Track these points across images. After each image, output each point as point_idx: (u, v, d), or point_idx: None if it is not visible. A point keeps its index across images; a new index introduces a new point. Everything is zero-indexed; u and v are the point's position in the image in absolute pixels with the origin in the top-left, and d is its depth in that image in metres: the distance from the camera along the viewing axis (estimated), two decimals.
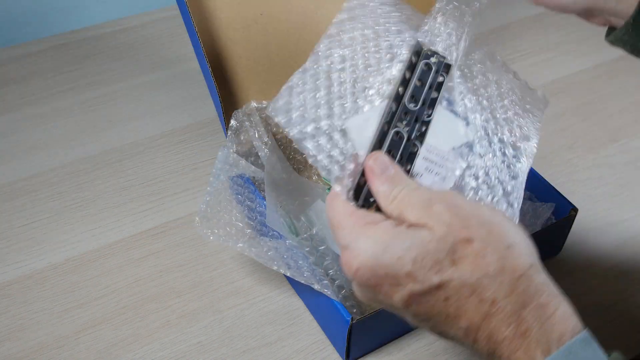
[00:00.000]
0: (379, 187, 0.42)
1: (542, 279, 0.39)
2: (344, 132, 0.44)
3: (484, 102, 0.48)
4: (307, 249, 0.63)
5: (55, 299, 0.66)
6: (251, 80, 0.73)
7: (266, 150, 0.69)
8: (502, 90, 0.51)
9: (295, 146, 0.47)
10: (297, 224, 0.68)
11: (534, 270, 0.38)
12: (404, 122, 0.45)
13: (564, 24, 1.06)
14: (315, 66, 0.48)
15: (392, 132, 0.45)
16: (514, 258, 0.38)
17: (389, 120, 0.45)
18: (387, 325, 0.60)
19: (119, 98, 0.92)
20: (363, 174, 0.43)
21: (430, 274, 0.38)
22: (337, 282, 0.63)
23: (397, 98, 0.46)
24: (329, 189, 0.74)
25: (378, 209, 0.42)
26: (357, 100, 0.46)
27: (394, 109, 0.45)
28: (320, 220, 0.70)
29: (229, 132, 0.70)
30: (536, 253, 0.39)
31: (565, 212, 0.67)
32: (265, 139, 0.70)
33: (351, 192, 0.43)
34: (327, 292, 0.57)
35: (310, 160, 0.44)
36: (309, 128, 0.44)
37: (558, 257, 0.71)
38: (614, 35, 0.52)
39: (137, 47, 1.01)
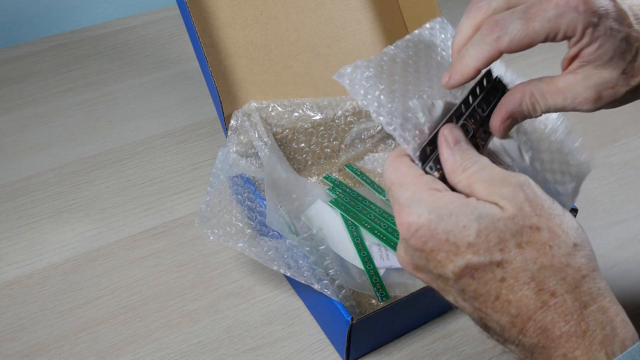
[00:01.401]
0: (449, 156, 0.40)
1: (604, 284, 0.38)
2: (415, 104, 0.43)
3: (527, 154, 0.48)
4: (307, 249, 0.63)
5: (55, 299, 0.66)
6: (251, 80, 0.73)
7: (266, 150, 0.69)
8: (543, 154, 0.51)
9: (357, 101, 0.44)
10: (297, 224, 0.68)
11: (597, 274, 0.38)
12: (472, 121, 0.44)
13: None
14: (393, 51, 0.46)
15: (460, 123, 0.44)
16: (580, 257, 0.37)
17: (457, 115, 0.44)
18: (387, 325, 0.60)
19: (119, 98, 0.92)
20: (429, 143, 0.42)
21: (494, 249, 0.37)
22: (337, 282, 0.63)
23: (466, 103, 0.45)
24: (329, 189, 0.74)
25: (442, 179, 0.40)
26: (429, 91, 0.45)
27: (463, 110, 0.45)
28: (320, 220, 0.70)
29: (229, 132, 0.70)
30: (596, 259, 0.39)
31: None
32: (265, 139, 0.70)
33: (417, 153, 0.41)
34: (327, 292, 0.57)
35: (373, 115, 0.42)
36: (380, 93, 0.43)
37: None
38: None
39: (137, 47, 1.01)
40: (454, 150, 0.40)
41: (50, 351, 0.61)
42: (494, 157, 0.47)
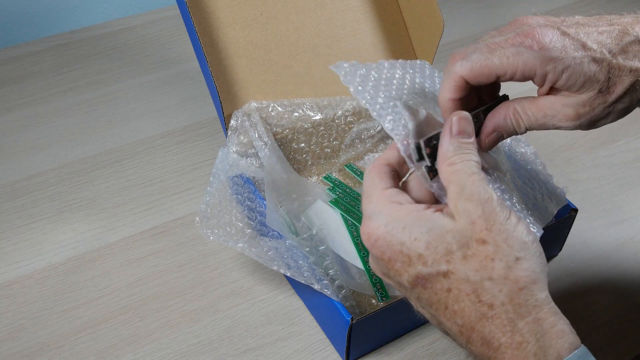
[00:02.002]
0: (445, 144, 0.43)
1: (543, 296, 0.39)
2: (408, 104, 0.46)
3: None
4: (307, 249, 0.63)
5: (55, 299, 0.66)
6: (251, 80, 0.73)
7: (266, 150, 0.69)
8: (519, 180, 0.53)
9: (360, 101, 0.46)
10: (297, 224, 0.68)
11: (537, 287, 0.39)
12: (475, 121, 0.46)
13: None
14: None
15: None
16: (520, 270, 0.39)
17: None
18: (387, 325, 0.60)
19: (119, 98, 0.92)
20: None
21: (440, 260, 0.39)
22: (337, 282, 0.63)
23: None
24: (329, 189, 0.74)
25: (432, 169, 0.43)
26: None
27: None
28: (320, 220, 0.70)
29: (229, 132, 0.70)
30: (545, 272, 0.40)
31: (565, 212, 0.67)
32: (265, 139, 0.70)
33: (408, 142, 0.43)
34: (327, 292, 0.57)
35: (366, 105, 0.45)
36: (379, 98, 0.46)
37: (558, 257, 0.72)
38: None
39: (137, 47, 1.01)
40: (452, 140, 0.42)
41: (50, 351, 0.61)
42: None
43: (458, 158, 0.42)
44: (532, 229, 0.44)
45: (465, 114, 0.44)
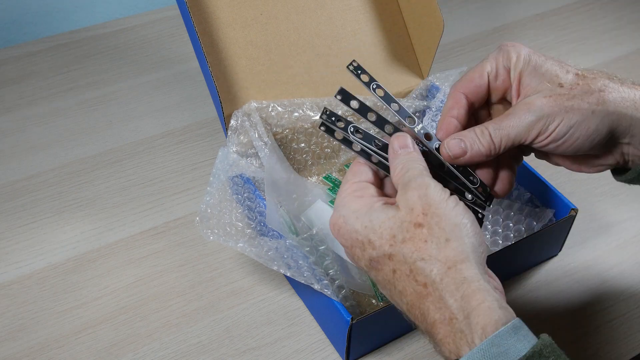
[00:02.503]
0: (392, 160, 0.48)
1: (472, 273, 0.41)
2: None
3: None
4: (307, 249, 0.63)
5: (55, 299, 0.66)
6: (251, 80, 0.73)
7: (266, 150, 0.69)
8: None
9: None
10: (297, 224, 0.68)
11: (466, 266, 0.41)
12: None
13: (563, 24, 1.06)
14: None
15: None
16: (449, 250, 0.42)
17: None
18: (387, 325, 0.60)
19: (119, 98, 0.92)
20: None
21: (385, 244, 0.43)
22: (337, 282, 0.63)
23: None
24: (329, 189, 0.74)
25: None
26: None
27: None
28: (320, 220, 0.70)
29: (229, 132, 0.70)
30: (477, 252, 0.43)
31: (565, 212, 0.67)
32: (265, 139, 0.70)
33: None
34: (327, 292, 0.57)
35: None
36: None
37: (558, 257, 0.72)
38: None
39: (137, 47, 1.01)
40: (396, 155, 0.47)
41: (50, 351, 0.62)
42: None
43: (402, 169, 0.46)
44: (477, 210, 0.49)
45: (402, 133, 0.49)
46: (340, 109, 0.74)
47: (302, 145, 0.76)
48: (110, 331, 0.63)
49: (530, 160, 0.82)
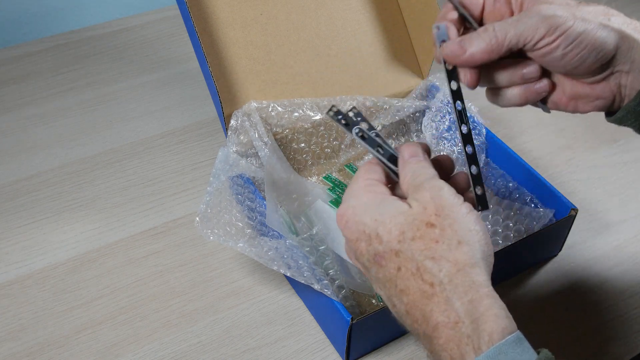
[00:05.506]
0: (402, 169, 0.46)
1: (481, 279, 0.40)
2: None
3: None
4: (307, 249, 0.63)
5: (55, 299, 0.66)
6: (251, 80, 0.73)
7: (266, 150, 0.69)
8: None
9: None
10: (297, 224, 0.68)
11: (476, 271, 0.41)
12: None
13: None
14: None
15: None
16: (460, 253, 0.41)
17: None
18: (387, 325, 0.60)
19: (119, 98, 0.92)
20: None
21: (393, 240, 0.42)
22: (337, 282, 0.63)
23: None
24: (329, 189, 0.74)
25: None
26: None
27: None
28: (320, 220, 0.70)
29: (229, 132, 0.70)
30: (487, 261, 0.42)
31: (565, 212, 0.67)
32: (265, 139, 0.70)
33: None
34: (327, 292, 0.57)
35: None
36: None
37: (558, 257, 0.72)
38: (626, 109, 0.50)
39: (137, 47, 1.01)
40: (406, 163, 0.46)
41: (50, 351, 0.62)
42: None
43: (412, 176, 0.45)
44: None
45: (412, 143, 0.48)
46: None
47: (302, 145, 0.76)
48: (110, 331, 0.63)
49: (531, 160, 0.82)
